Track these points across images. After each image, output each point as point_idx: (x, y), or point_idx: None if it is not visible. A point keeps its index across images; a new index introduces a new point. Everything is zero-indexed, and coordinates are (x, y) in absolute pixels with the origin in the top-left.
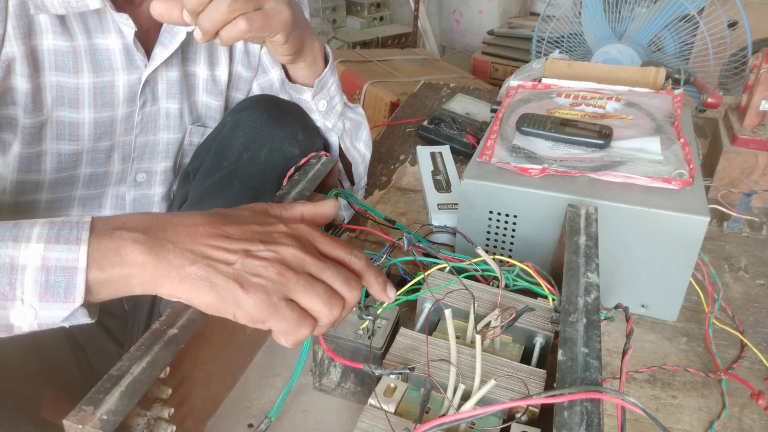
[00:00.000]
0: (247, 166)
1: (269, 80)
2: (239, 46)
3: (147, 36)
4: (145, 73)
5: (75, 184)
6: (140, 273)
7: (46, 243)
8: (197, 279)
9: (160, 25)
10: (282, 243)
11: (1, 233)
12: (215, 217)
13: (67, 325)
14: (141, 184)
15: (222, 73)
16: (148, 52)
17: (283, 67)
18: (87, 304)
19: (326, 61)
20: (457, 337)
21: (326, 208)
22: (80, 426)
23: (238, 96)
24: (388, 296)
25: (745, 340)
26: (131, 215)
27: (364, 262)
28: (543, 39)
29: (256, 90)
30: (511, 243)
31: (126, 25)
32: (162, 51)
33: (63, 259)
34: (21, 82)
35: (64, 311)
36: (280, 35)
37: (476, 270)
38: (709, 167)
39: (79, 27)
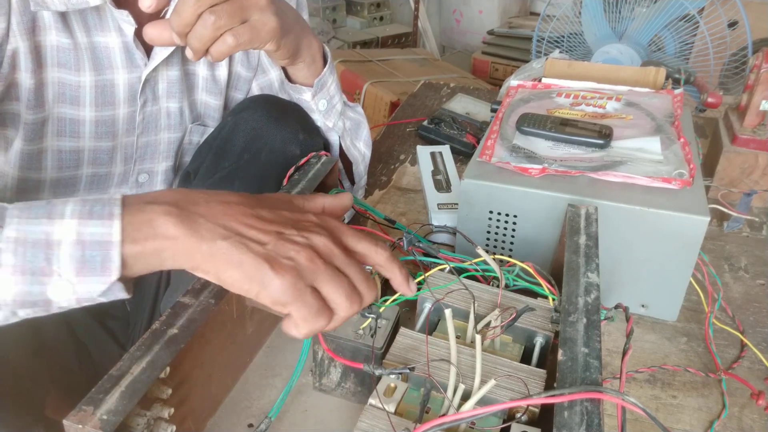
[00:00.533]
0: (247, 166)
1: (269, 80)
2: None
3: None
4: (146, 71)
5: (77, 185)
6: (172, 245)
7: (79, 219)
8: (228, 254)
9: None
10: (314, 231)
11: (35, 211)
12: (247, 197)
13: (104, 299)
14: (143, 184)
15: (222, 72)
16: (148, 51)
17: (283, 67)
18: (123, 279)
19: (325, 61)
20: (457, 337)
21: (345, 200)
22: (80, 426)
23: (238, 96)
24: (410, 289)
25: (745, 340)
26: (162, 191)
27: (388, 254)
28: (543, 39)
29: (255, 90)
30: (511, 243)
31: (126, 22)
32: (162, 50)
33: (98, 234)
34: (25, 78)
35: (101, 285)
36: (270, 44)
37: (476, 270)
38: (709, 167)
39: (79, 24)
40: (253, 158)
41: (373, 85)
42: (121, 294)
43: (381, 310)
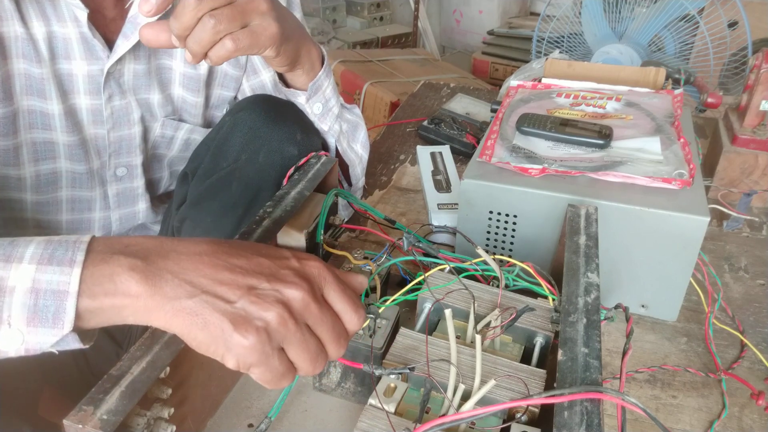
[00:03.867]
0: (245, 166)
1: (260, 81)
2: None
3: (112, 25)
4: (108, 64)
5: (58, 182)
6: (133, 303)
7: (38, 264)
8: (192, 314)
9: (126, 15)
10: (290, 282)
11: None
12: (222, 245)
13: (56, 350)
14: (122, 178)
15: (201, 69)
16: (110, 43)
17: (280, 74)
18: (78, 330)
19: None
20: (457, 337)
21: (359, 283)
22: (80, 426)
23: (225, 93)
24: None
25: (745, 340)
26: (134, 238)
27: (361, 324)
28: (543, 39)
29: (247, 91)
30: (511, 243)
31: (77, 8)
32: (124, 42)
33: (54, 282)
34: None
35: (52, 337)
36: (270, 50)
37: (476, 270)
38: (709, 167)
39: (35, 13)
40: (251, 159)
41: (373, 85)
42: (75, 345)
43: (381, 310)
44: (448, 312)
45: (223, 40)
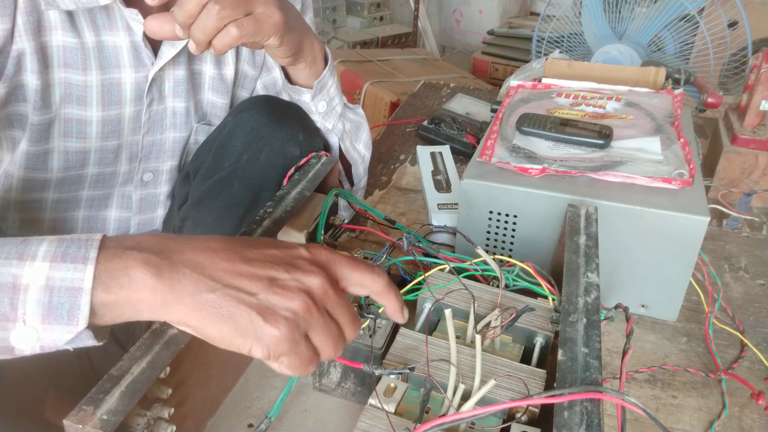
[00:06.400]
0: (247, 166)
1: (273, 78)
2: None
3: None
4: (152, 71)
5: (82, 183)
6: (149, 297)
7: (51, 261)
8: (215, 308)
9: None
10: (308, 271)
11: (7, 250)
12: (234, 241)
13: (70, 348)
14: (147, 183)
15: (229, 71)
16: (155, 50)
17: (284, 68)
18: (92, 327)
19: (326, 62)
20: (457, 337)
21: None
22: (80, 426)
23: (243, 94)
24: (403, 317)
25: (745, 340)
26: (146, 236)
27: (385, 281)
28: (543, 39)
29: (260, 88)
30: (511, 243)
31: (135, 21)
32: (169, 49)
33: (68, 279)
34: (31, 79)
35: (67, 334)
36: (274, 38)
37: (476, 270)
38: (709, 167)
39: (87, 24)
40: (253, 159)
41: (373, 85)
42: (90, 342)
43: (381, 310)
44: (448, 312)
45: (228, 28)
